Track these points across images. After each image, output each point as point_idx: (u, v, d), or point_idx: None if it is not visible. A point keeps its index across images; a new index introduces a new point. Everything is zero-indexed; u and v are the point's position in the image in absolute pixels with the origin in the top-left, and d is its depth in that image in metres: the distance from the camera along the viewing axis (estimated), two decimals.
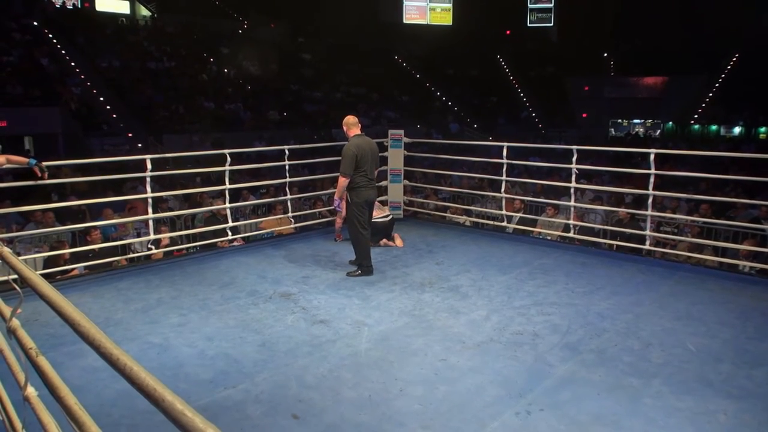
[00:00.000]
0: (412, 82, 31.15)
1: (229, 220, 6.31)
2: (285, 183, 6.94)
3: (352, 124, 5.36)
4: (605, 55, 34.57)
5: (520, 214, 7.66)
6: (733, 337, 3.93)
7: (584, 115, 30.62)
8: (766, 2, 28.01)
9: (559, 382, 3.27)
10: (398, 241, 6.45)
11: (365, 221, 5.34)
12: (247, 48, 26.38)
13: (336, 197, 5.35)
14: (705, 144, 23.85)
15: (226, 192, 6.31)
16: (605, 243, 6.41)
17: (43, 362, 1.53)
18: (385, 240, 6.42)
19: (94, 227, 6.27)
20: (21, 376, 1.70)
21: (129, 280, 5.17)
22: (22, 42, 20.35)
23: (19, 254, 5.62)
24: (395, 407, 3.01)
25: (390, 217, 6.53)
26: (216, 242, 6.42)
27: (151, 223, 5.81)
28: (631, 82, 32.19)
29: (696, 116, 29.04)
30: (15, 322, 1.70)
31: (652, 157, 5.83)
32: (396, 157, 7.67)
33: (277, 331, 4.02)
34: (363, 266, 5.32)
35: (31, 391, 1.66)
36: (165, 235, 6.40)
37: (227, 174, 6.20)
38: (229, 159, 6.13)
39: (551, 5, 37.48)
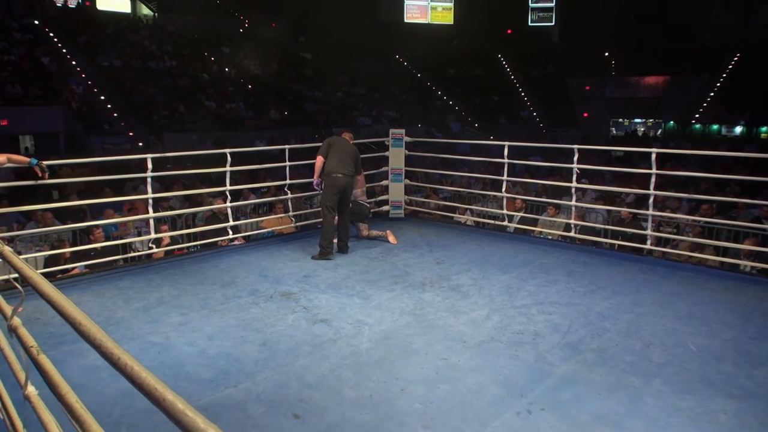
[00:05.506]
0: (413, 82, 31.12)
1: (230, 219, 6.31)
2: (285, 182, 6.94)
3: (343, 131, 6.53)
4: (606, 54, 34.50)
5: (521, 214, 7.65)
6: (734, 337, 3.92)
7: (585, 115, 30.55)
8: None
9: (560, 382, 3.27)
10: (391, 238, 6.51)
11: (332, 206, 5.94)
12: (248, 47, 26.38)
13: (315, 177, 6.09)
14: (706, 144, 23.80)
15: (227, 192, 6.31)
16: (606, 242, 6.40)
17: (44, 361, 1.53)
18: (376, 231, 6.64)
19: (97, 226, 6.27)
20: (22, 375, 1.70)
21: (130, 279, 5.17)
22: (23, 41, 20.36)
23: (20, 253, 5.62)
24: (396, 406, 3.01)
25: (368, 206, 6.94)
26: (216, 241, 6.42)
27: (152, 222, 5.81)
28: (633, 82, 32.09)
29: (697, 116, 28.98)
30: (16, 321, 1.71)
31: (653, 156, 5.82)
32: (397, 157, 7.67)
33: (278, 330, 4.02)
34: (323, 248, 5.86)
35: (31, 389, 1.66)
36: (166, 234, 6.39)
37: (228, 174, 6.20)
38: (229, 158, 6.13)
39: (552, 5, 37.42)
